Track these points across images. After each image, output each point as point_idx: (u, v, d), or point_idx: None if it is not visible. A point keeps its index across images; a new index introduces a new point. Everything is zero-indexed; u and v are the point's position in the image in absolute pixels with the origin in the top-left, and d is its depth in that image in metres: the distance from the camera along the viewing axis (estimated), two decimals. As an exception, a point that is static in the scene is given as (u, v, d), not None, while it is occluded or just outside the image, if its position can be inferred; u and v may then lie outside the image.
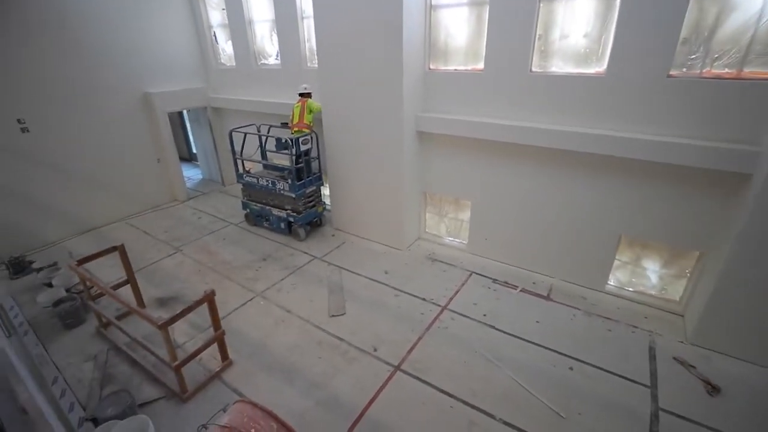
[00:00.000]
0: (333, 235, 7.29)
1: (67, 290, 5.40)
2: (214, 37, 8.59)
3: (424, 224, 7.07)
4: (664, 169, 4.47)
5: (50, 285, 5.58)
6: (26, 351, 4.62)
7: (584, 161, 4.98)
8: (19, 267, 6.15)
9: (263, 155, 7.57)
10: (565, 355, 4.47)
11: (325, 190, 7.84)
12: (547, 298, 5.49)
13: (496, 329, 4.92)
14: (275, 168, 7.34)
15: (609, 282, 5.51)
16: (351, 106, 6.17)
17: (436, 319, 5.13)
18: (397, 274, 6.06)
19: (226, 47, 8.57)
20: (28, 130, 6.53)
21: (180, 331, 4.96)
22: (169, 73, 8.25)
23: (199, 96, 8.75)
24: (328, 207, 7.72)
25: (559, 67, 4.91)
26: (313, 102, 6.69)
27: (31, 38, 6.36)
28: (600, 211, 5.13)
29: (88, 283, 4.65)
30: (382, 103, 5.79)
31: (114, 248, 4.95)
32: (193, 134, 10.20)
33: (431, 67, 5.86)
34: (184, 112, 9.78)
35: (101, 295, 4.94)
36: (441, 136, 6.00)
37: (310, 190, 6.95)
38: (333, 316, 5.19)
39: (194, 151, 11.34)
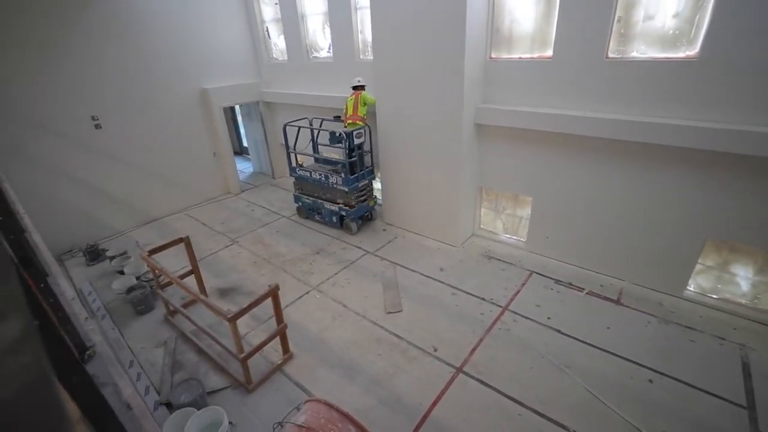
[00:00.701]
0: (384, 230, 7.22)
1: (137, 278, 5.69)
2: (266, 32, 8.70)
3: (479, 220, 6.83)
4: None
5: (122, 272, 5.92)
6: (105, 335, 4.91)
7: (666, 156, 4.54)
8: (94, 254, 6.58)
9: (315, 149, 7.60)
10: (643, 365, 4.13)
11: (376, 184, 7.75)
12: (617, 302, 5.11)
13: (563, 334, 4.64)
14: (327, 161, 7.35)
15: (688, 287, 5.04)
16: (406, 98, 6.02)
17: (497, 320, 4.92)
18: (453, 272, 5.89)
19: (278, 42, 8.65)
20: (100, 126, 6.92)
21: (240, 322, 5.07)
22: (224, 69, 8.46)
23: (252, 91, 8.92)
24: (379, 201, 7.65)
25: (641, 51, 4.48)
26: (368, 95, 6.59)
27: (103, 42, 6.70)
28: (683, 211, 4.68)
29: (157, 273, 4.86)
30: (440, 95, 5.59)
31: (180, 240, 5.13)
32: (244, 128, 10.47)
33: (492, 55, 5.57)
34: (237, 106, 10.02)
35: (169, 284, 5.15)
36: (501, 128, 5.72)
37: (363, 184, 6.90)
38: (389, 313, 5.12)
39: (245, 144, 11.66)
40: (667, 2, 4.12)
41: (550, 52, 5.04)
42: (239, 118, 11.74)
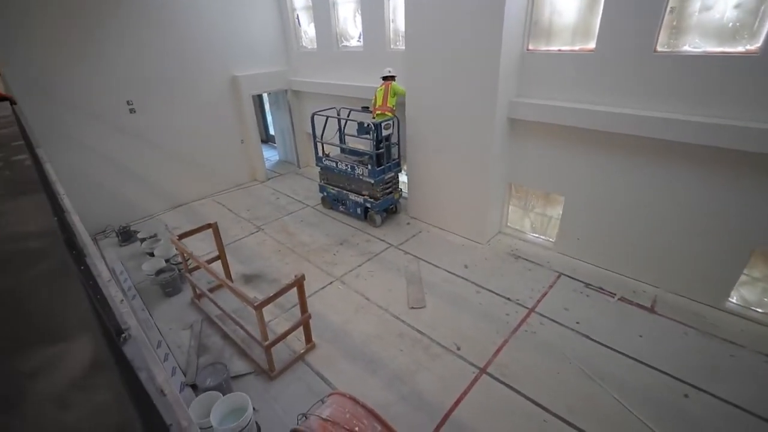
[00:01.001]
0: (408, 224, 7.14)
1: (166, 261, 5.83)
2: (297, 20, 8.65)
3: (507, 218, 6.65)
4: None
5: (152, 254, 6.07)
6: (135, 314, 5.05)
7: (714, 158, 4.26)
8: (126, 236, 6.78)
9: (342, 139, 7.56)
10: (679, 379, 3.94)
11: (402, 177, 7.66)
12: (651, 310, 4.89)
13: (592, 340, 4.48)
14: (353, 152, 7.29)
15: (730, 299, 4.76)
16: (438, 89, 5.87)
17: (523, 321, 4.79)
18: (478, 269, 5.76)
19: (308, 30, 8.60)
20: (134, 111, 7.08)
21: (265, 310, 5.12)
22: (254, 56, 8.49)
23: (281, 79, 8.93)
24: (404, 194, 7.56)
25: (695, 45, 4.19)
26: (398, 85, 6.47)
27: (140, 29, 6.81)
28: (728, 217, 4.39)
29: (186, 257, 4.95)
30: (473, 87, 5.42)
31: (208, 225, 5.20)
32: (272, 116, 10.53)
33: (530, 47, 5.34)
34: (264, 94, 10.06)
35: (197, 268, 5.25)
36: (535, 123, 5.51)
37: (389, 176, 6.82)
38: (413, 308, 5.06)
39: (271, 132, 11.75)
40: (729, -8, 3.81)
41: (592, 45, 4.79)
42: (266, 106, 11.82)
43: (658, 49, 4.35)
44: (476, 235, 6.40)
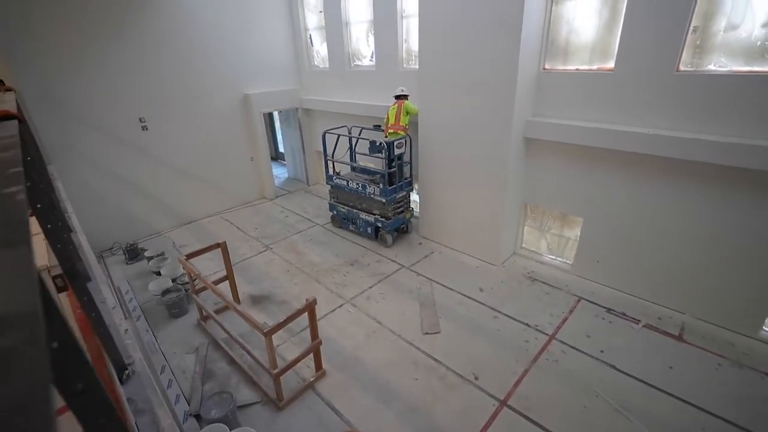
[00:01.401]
0: (420, 244, 6.97)
1: (173, 280, 5.69)
2: (309, 40, 8.73)
3: (522, 239, 6.46)
4: None
5: (159, 273, 5.94)
6: (139, 336, 4.89)
7: (743, 180, 4.08)
8: (133, 253, 6.68)
9: (352, 157, 7.49)
10: (715, 415, 3.66)
11: (413, 196, 7.53)
12: (680, 338, 4.63)
13: (618, 370, 4.22)
14: (364, 171, 7.21)
15: (765, 328, 4.50)
16: (452, 109, 5.79)
17: (543, 349, 4.55)
18: (494, 293, 5.55)
19: (320, 49, 8.67)
20: (147, 128, 7.09)
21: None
22: (266, 75, 8.54)
23: (292, 97, 8.96)
24: (415, 214, 7.42)
25: (720, 64, 4.08)
26: (411, 104, 6.42)
27: (155, 46, 6.89)
28: (764, 240, 4.18)
29: (193, 277, 4.81)
30: (488, 106, 5.33)
31: (217, 245, 5.08)
32: (282, 134, 10.54)
33: (546, 66, 5.27)
34: (275, 112, 10.10)
35: (204, 288, 5.10)
36: (552, 143, 5.38)
37: (401, 195, 6.70)
38: (427, 333, 4.85)
39: (281, 150, 11.76)
40: (757, 10, 3.71)
41: (611, 64, 4.70)
42: (276, 124, 11.88)
43: (681, 68, 4.24)
44: (491, 256, 6.20)
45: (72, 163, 6.44)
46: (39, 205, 1.37)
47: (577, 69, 5.04)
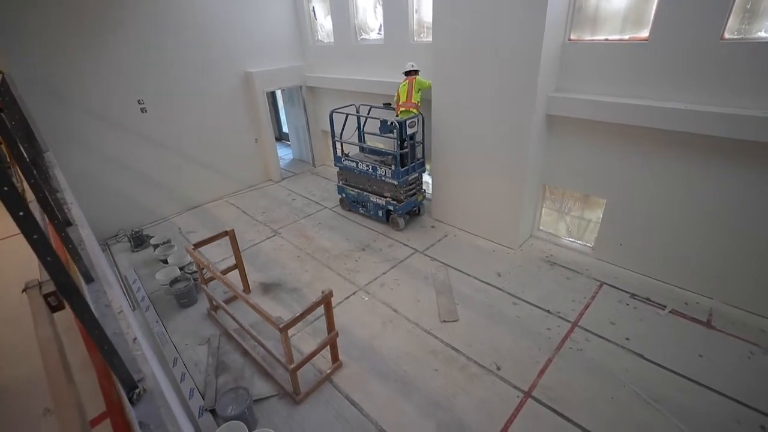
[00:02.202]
0: (432, 227, 6.75)
1: (181, 268, 5.53)
2: (312, 13, 8.24)
3: (539, 221, 6.22)
4: None
5: (166, 262, 5.78)
6: (149, 328, 4.77)
7: (792, 158, 3.79)
8: (139, 241, 6.51)
9: (361, 137, 7.18)
10: (752, 407, 3.51)
11: (425, 178, 7.25)
12: (708, 325, 4.45)
13: (646, 359, 4.06)
14: (374, 152, 6.91)
15: (800, 313, 4.30)
16: (469, 84, 5.44)
17: (566, 337, 4.39)
18: (512, 278, 5.36)
19: (324, 23, 8.19)
20: (146, 111, 6.77)
21: (286, 322, 4.80)
22: (268, 51, 8.12)
23: (296, 74, 8.55)
24: (428, 195, 7.17)
25: (770, 31, 3.71)
26: (422, 79, 6.05)
27: (150, 24, 6.48)
28: (805, 223, 3.92)
29: (202, 267, 4.63)
30: (509, 80, 4.99)
31: (225, 233, 4.88)
32: (285, 114, 10.17)
33: (572, 37, 4.88)
34: (278, 91, 9.68)
35: (213, 278, 4.94)
36: (576, 120, 5.06)
37: (413, 177, 6.42)
38: (444, 321, 4.69)
39: (284, 130, 11.41)
40: (819, -32, 3.32)
41: (646, 33, 4.32)
42: (279, 104, 11.47)
43: (726, 36, 3.87)
44: (508, 239, 5.98)
45: (70, 149, 6.18)
46: (21, 213, 1.14)
47: (606, 39, 4.66)
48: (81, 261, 2.41)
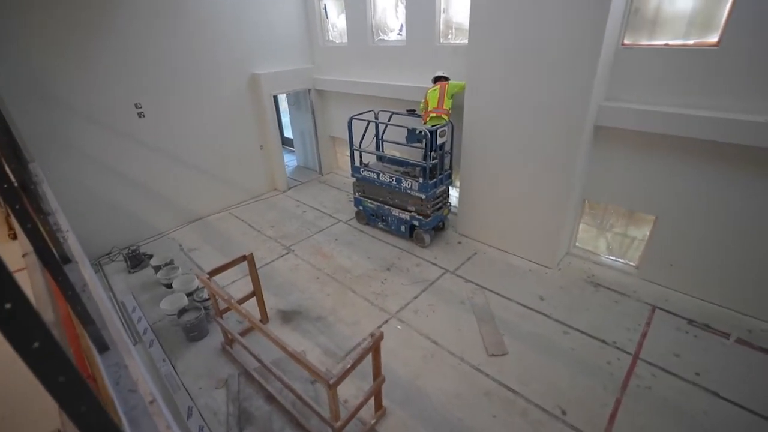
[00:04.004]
0: (459, 243, 6.27)
1: (188, 294, 4.91)
2: (324, 11, 7.69)
3: (576, 237, 5.81)
4: None
5: (170, 286, 5.15)
6: (156, 368, 4.14)
7: None
8: (136, 260, 5.84)
9: (378, 146, 6.66)
10: None
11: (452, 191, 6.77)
12: (779, 355, 4.09)
13: (723, 398, 3.66)
14: (394, 161, 6.40)
15: None
16: (508, 90, 4.99)
17: (630, 372, 3.97)
18: (557, 302, 4.93)
19: (336, 22, 7.65)
20: (144, 115, 6.11)
21: (311, 356, 4.25)
22: (275, 52, 7.53)
23: (304, 77, 7.98)
24: (453, 209, 6.69)
25: None
26: (455, 82, 5.58)
27: (149, 21, 5.82)
28: None
29: (218, 298, 4.04)
30: (558, 87, 4.56)
31: (243, 258, 4.31)
32: (291, 118, 9.55)
33: (626, 42, 4.48)
34: (281, 95, 9.07)
35: (228, 309, 4.35)
36: (625, 131, 4.66)
37: (440, 190, 5.94)
38: (492, 355, 4.21)
39: (287, 136, 10.79)
40: None
41: (715, 38, 3.94)
42: (281, 107, 10.85)
43: (810, 42, 3.51)
44: (545, 258, 5.55)
45: (59, 158, 5.49)
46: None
47: (666, 45, 4.26)
48: (92, 323, 1.83)
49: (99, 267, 5.99)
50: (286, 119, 11.11)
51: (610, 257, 5.62)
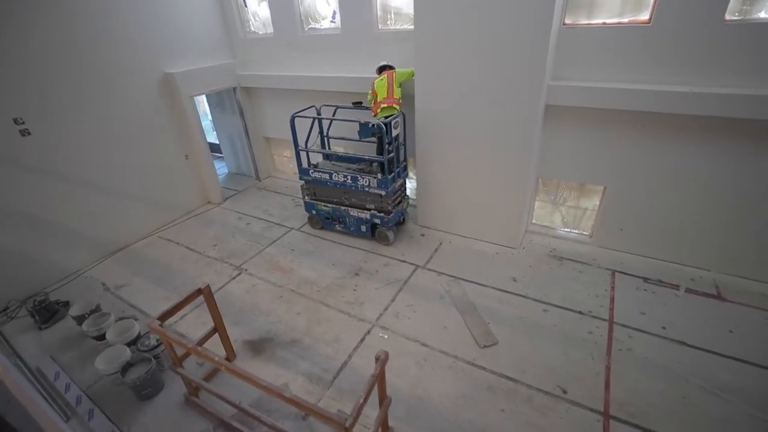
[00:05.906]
0: (423, 235, 6.13)
1: (129, 344, 4.08)
2: (242, 0, 6.89)
3: (532, 214, 6.00)
4: None
5: (102, 338, 4.23)
6: (104, 445, 3.35)
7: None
8: (47, 312, 4.72)
9: (324, 144, 6.20)
10: (801, 377, 3.62)
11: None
12: (719, 297, 4.61)
13: (689, 346, 4.02)
14: (343, 159, 6.01)
15: (789, 272, 4.67)
16: (460, 76, 4.87)
17: (610, 338, 4.17)
18: (529, 281, 5.03)
19: (258, 11, 6.90)
20: (28, 133, 4.90)
21: (295, 386, 3.79)
22: (191, 47, 6.59)
23: (227, 74, 7.12)
24: (412, 201, 6.50)
25: (768, 11, 3.79)
26: (402, 69, 5.33)
27: (30, 17, 4.62)
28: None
29: (174, 346, 3.37)
30: (510, 69, 4.54)
31: (198, 292, 3.65)
32: (214, 121, 8.53)
33: (567, 21, 4.60)
34: (202, 97, 8.03)
35: (188, 355, 3.67)
36: (573, 109, 4.84)
37: (399, 183, 5.70)
38: (485, 347, 4.14)
39: (212, 141, 9.67)
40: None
41: (646, 16, 4.19)
42: (200, 109, 9.66)
43: (727, 17, 3.87)
44: (509, 239, 5.65)
45: None
46: None
47: (603, 23, 4.45)
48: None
49: (-5, 329, 4.75)
50: (206, 122, 9.95)
51: (566, 229, 5.91)
